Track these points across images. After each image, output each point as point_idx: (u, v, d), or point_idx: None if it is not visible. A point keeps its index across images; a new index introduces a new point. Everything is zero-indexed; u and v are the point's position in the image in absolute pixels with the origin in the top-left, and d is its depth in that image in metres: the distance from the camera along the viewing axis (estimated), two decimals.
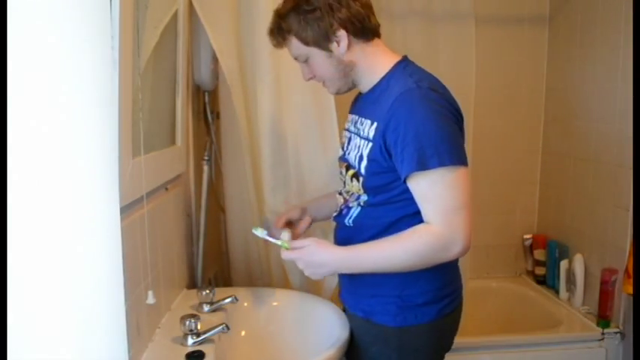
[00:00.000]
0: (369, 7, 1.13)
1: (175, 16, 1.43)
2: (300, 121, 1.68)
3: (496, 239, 2.52)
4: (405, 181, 1.06)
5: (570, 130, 2.30)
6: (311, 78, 1.21)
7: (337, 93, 1.23)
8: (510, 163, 2.52)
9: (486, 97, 2.41)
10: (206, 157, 1.72)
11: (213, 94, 1.80)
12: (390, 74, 1.15)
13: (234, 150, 1.76)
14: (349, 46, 1.12)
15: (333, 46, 1.12)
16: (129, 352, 0.80)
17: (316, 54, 1.14)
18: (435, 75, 1.20)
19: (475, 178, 2.52)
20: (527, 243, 2.53)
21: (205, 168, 1.71)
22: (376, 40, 1.16)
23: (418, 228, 1.07)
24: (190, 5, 1.50)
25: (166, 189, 1.40)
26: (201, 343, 1.20)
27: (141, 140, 1.08)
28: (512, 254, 2.56)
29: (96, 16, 0.71)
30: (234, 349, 1.42)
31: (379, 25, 1.17)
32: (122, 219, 0.99)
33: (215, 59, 1.63)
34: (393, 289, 1.16)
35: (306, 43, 1.13)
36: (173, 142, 1.48)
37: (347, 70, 1.15)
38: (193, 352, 1.14)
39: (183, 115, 1.51)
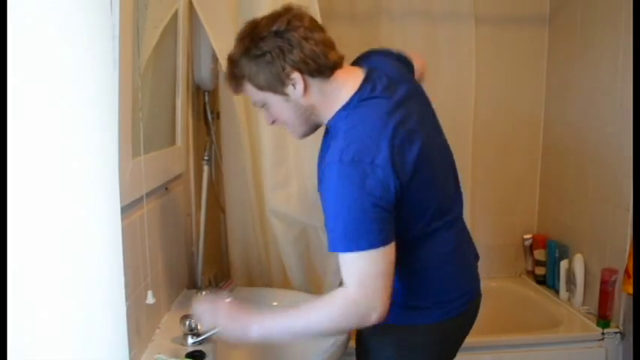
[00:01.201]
0: (325, 44, 1.05)
1: (175, 16, 1.43)
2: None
3: (496, 239, 2.52)
4: None
5: (570, 130, 2.29)
6: (273, 122, 1.15)
7: (303, 137, 1.18)
8: (510, 163, 2.52)
9: (486, 97, 2.41)
10: (206, 157, 1.72)
11: (213, 94, 1.80)
12: (337, 115, 1.08)
13: (234, 150, 1.76)
14: (306, 88, 1.05)
15: (289, 89, 1.05)
16: (130, 352, 0.80)
17: (273, 99, 1.08)
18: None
19: (475, 177, 2.53)
20: (527, 243, 2.53)
21: (205, 168, 1.71)
22: (337, 73, 1.07)
23: (332, 293, 1.04)
24: (190, 5, 1.50)
25: (166, 189, 1.40)
26: (201, 343, 1.20)
27: (141, 140, 1.08)
28: (512, 254, 2.55)
29: (96, 17, 0.71)
30: (234, 349, 1.42)
31: (341, 59, 1.09)
32: (122, 219, 0.99)
33: (215, 59, 1.63)
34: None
35: (261, 88, 1.07)
36: (173, 142, 1.48)
37: (307, 113, 1.10)
38: (193, 352, 1.15)
39: (183, 115, 1.51)
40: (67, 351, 0.63)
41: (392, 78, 1.12)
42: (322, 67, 1.04)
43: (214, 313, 1.10)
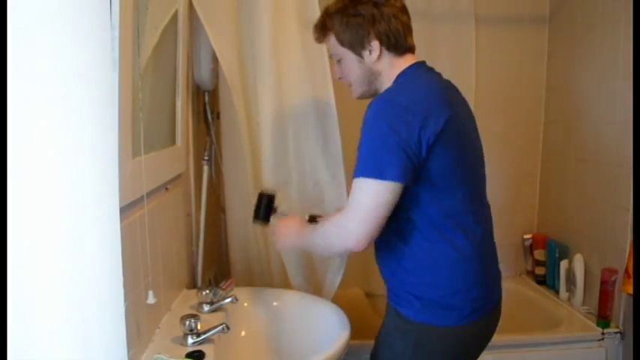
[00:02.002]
0: (408, 28, 1.21)
1: (175, 16, 1.43)
2: (301, 122, 1.68)
3: (496, 239, 2.51)
4: None
5: (570, 130, 2.29)
6: (340, 78, 1.29)
7: (361, 97, 1.28)
8: (510, 163, 2.52)
9: (486, 97, 2.41)
10: (206, 157, 1.72)
11: (213, 94, 1.80)
12: (394, 81, 1.21)
13: (234, 150, 1.76)
14: (379, 56, 1.19)
15: (366, 53, 1.19)
16: (128, 352, 0.80)
17: (349, 56, 1.22)
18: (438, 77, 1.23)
19: None
20: (527, 243, 2.53)
21: (205, 168, 1.71)
22: (407, 56, 1.21)
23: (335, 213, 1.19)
24: (190, 5, 1.50)
25: (166, 189, 1.40)
26: (201, 343, 1.20)
27: (141, 140, 1.08)
28: (512, 254, 2.56)
29: (96, 17, 0.71)
30: (234, 349, 1.42)
31: (414, 47, 1.23)
32: (122, 219, 0.99)
33: (215, 59, 1.64)
34: (413, 289, 1.18)
35: (342, 44, 1.21)
36: (173, 142, 1.48)
37: (372, 78, 1.23)
38: (193, 352, 1.15)
39: (183, 115, 1.51)
40: (65, 351, 0.63)
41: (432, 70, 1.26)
42: (399, 45, 1.19)
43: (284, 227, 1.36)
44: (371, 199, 1.08)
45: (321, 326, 1.44)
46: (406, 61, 1.21)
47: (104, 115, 0.73)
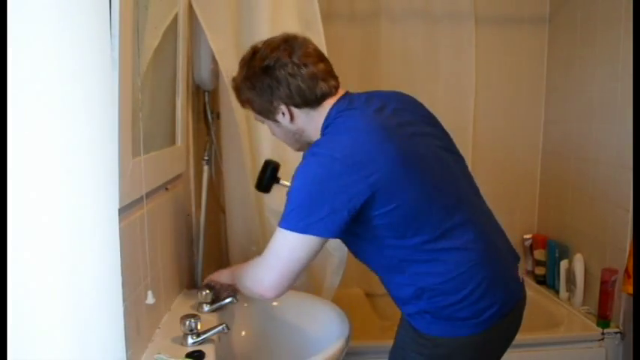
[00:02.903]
0: (314, 77, 1.12)
1: (176, 17, 1.43)
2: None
3: None
4: None
5: (570, 130, 2.29)
6: (273, 134, 1.28)
7: (299, 151, 1.27)
8: (510, 163, 2.52)
9: (486, 97, 2.41)
10: (206, 157, 1.72)
11: (213, 94, 1.80)
12: (322, 128, 1.17)
13: (234, 150, 1.76)
14: (292, 117, 1.17)
15: (279, 117, 1.18)
16: (127, 352, 0.80)
17: (267, 121, 1.22)
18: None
19: (475, 177, 2.53)
20: (527, 243, 2.53)
21: (205, 168, 1.71)
22: (326, 102, 1.15)
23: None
24: (190, 6, 1.50)
25: (166, 189, 1.40)
26: (201, 343, 1.20)
27: (141, 140, 1.08)
28: None
29: (96, 17, 0.71)
30: (234, 349, 1.42)
31: (333, 86, 1.16)
32: (122, 219, 1.00)
33: (215, 59, 1.63)
34: (422, 304, 1.14)
35: (256, 112, 1.22)
36: (173, 142, 1.48)
37: (296, 136, 1.22)
38: (193, 352, 1.15)
39: (183, 115, 1.51)
40: (64, 351, 0.63)
41: (378, 96, 1.19)
42: (308, 100, 1.14)
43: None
44: (290, 252, 1.08)
45: (321, 326, 1.44)
46: (325, 108, 1.15)
47: (104, 115, 0.72)
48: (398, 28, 2.28)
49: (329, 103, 1.16)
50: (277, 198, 1.73)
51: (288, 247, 1.08)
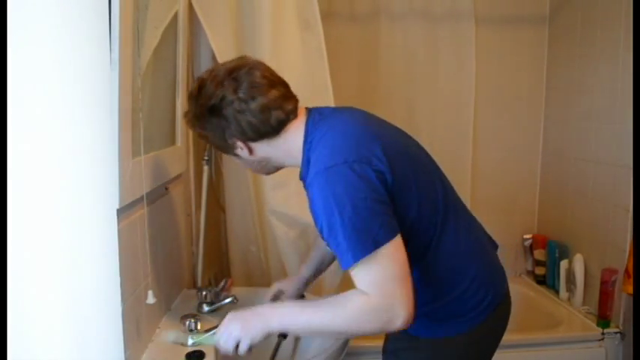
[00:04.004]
0: (265, 109, 1.04)
1: (176, 16, 1.43)
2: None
3: (496, 239, 2.51)
4: None
5: (570, 130, 2.29)
6: None
7: (267, 175, 1.23)
8: (510, 163, 2.52)
9: (486, 97, 2.41)
10: (206, 157, 1.72)
11: None
12: (305, 151, 1.08)
13: None
14: (252, 150, 1.09)
15: (238, 151, 1.11)
16: (125, 352, 0.81)
17: (230, 155, 1.15)
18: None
19: (475, 178, 2.53)
20: (527, 243, 2.53)
21: (205, 168, 1.71)
22: (288, 126, 1.07)
23: (350, 293, 0.98)
24: (190, 5, 1.50)
25: (166, 189, 1.40)
26: (201, 343, 1.20)
27: (141, 140, 1.08)
28: (512, 254, 2.55)
29: (96, 17, 0.71)
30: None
31: (289, 112, 1.07)
32: (122, 219, 1.00)
33: (215, 59, 1.63)
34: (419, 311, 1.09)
35: (214, 147, 1.18)
36: (173, 142, 1.48)
37: (263, 163, 1.14)
38: (193, 352, 1.15)
39: (183, 115, 1.51)
40: (64, 350, 0.63)
41: (341, 109, 1.16)
42: (263, 133, 1.06)
43: (229, 331, 1.04)
44: (390, 262, 0.94)
45: None
46: (290, 132, 1.07)
47: (104, 115, 0.73)
48: (398, 28, 2.28)
49: (293, 126, 1.08)
50: (277, 198, 1.74)
51: (384, 265, 0.94)
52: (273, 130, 1.06)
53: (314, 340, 1.43)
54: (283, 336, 1.29)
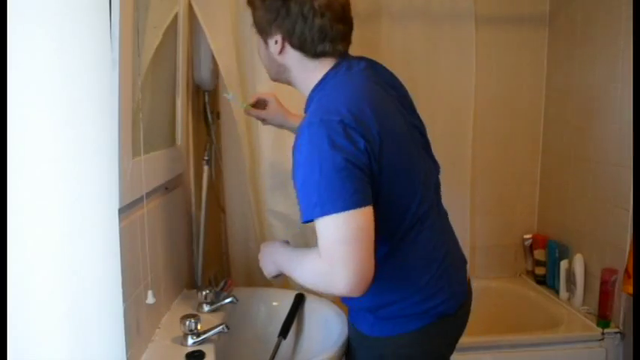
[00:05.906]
0: (323, 33, 1.05)
1: (176, 17, 1.43)
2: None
3: (496, 239, 2.52)
4: None
5: (570, 130, 2.29)
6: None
7: (275, 81, 1.21)
8: (510, 163, 2.52)
9: (486, 97, 2.41)
10: (206, 157, 1.72)
11: (213, 94, 1.80)
12: (313, 92, 1.11)
13: (234, 150, 1.76)
14: (282, 51, 1.09)
15: (271, 42, 1.10)
16: (127, 351, 0.81)
17: (258, 37, 1.14)
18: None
19: (475, 177, 2.53)
20: (527, 243, 2.53)
21: (205, 168, 1.71)
22: (326, 60, 1.09)
23: (310, 251, 1.02)
24: (190, 6, 1.50)
25: (166, 189, 1.40)
26: (201, 343, 1.20)
27: (141, 140, 1.08)
28: (512, 254, 2.55)
29: (96, 17, 0.71)
30: (234, 349, 1.42)
31: (337, 51, 1.09)
32: (122, 219, 1.00)
33: (215, 59, 1.63)
34: (364, 303, 1.11)
35: (253, 22, 1.13)
36: (173, 142, 1.48)
37: (280, 69, 1.14)
38: (193, 352, 1.15)
39: (183, 115, 1.51)
40: (64, 350, 0.63)
41: (376, 68, 1.15)
42: (304, 48, 1.07)
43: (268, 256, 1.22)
44: (348, 228, 0.93)
45: (321, 326, 1.44)
46: (325, 65, 1.09)
47: (104, 115, 0.73)
48: (398, 28, 2.28)
49: (327, 62, 1.10)
50: (277, 198, 1.74)
51: (341, 227, 0.94)
52: (313, 52, 1.08)
53: (314, 341, 1.43)
54: (283, 336, 1.30)
